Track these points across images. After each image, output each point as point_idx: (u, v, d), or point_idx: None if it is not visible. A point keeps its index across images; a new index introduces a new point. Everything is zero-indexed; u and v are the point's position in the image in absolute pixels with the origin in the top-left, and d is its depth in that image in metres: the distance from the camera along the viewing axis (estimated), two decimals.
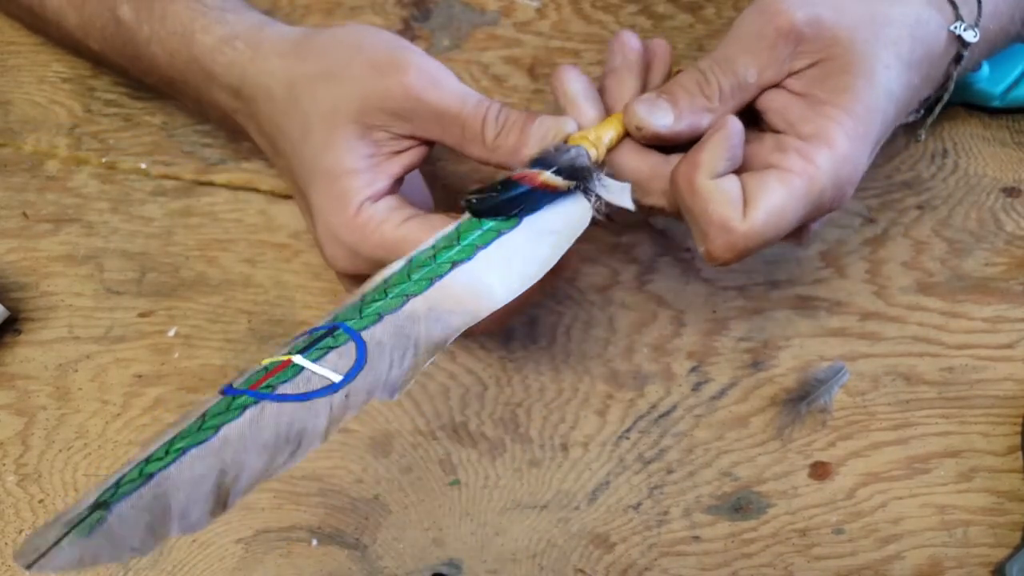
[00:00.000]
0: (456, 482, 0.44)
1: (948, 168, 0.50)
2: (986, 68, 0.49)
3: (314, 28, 0.40)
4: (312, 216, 0.39)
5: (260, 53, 0.39)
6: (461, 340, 0.46)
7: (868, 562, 0.43)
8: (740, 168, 0.37)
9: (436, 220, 0.37)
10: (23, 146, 0.50)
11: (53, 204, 0.49)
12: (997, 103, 0.50)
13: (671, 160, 0.38)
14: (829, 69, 0.37)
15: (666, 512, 0.44)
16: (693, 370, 0.46)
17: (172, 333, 0.46)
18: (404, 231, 0.37)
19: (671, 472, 0.44)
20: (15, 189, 0.49)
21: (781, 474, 0.44)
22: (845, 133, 0.36)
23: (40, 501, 0.43)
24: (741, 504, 0.44)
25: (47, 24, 0.46)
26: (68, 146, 0.50)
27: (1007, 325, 0.47)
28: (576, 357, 0.46)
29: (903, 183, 0.50)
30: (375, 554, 0.43)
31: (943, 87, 0.42)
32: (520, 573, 0.43)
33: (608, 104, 0.40)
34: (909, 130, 0.51)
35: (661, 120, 0.37)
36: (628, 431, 0.45)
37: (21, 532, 0.43)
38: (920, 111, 0.43)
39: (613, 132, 0.38)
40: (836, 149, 0.36)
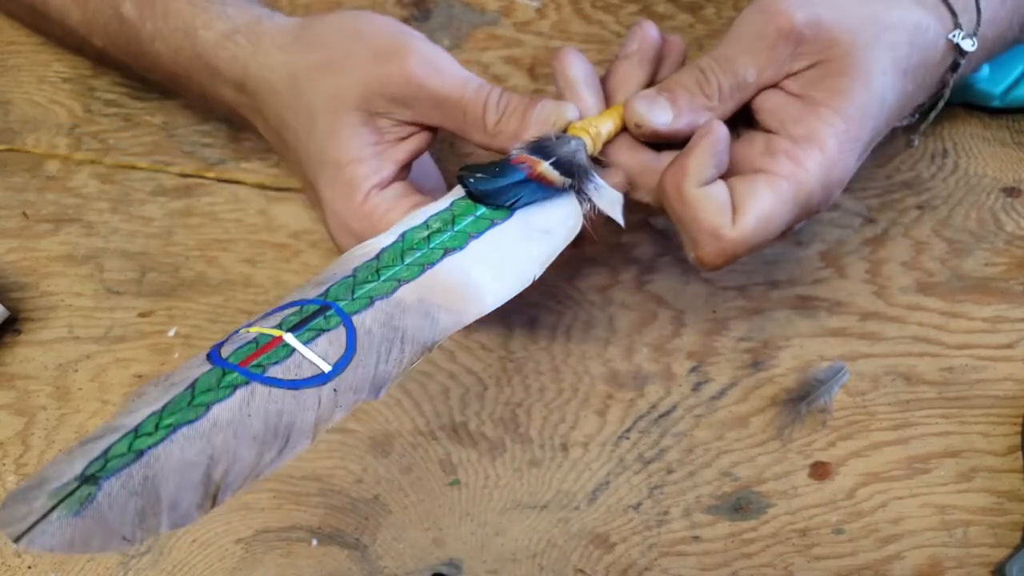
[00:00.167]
0: (456, 482, 0.44)
1: (948, 168, 0.51)
2: (986, 68, 0.49)
3: (312, 17, 0.40)
4: (322, 207, 0.39)
5: (261, 47, 0.39)
6: (462, 339, 0.46)
7: (868, 562, 0.43)
8: (729, 171, 0.38)
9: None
10: (23, 146, 0.50)
11: (53, 204, 0.49)
12: (997, 103, 0.50)
13: (662, 157, 0.38)
14: (826, 71, 0.37)
15: (666, 512, 0.44)
16: (693, 370, 0.46)
17: (172, 333, 0.46)
18: None
19: (671, 472, 0.44)
20: (15, 189, 0.49)
21: (781, 474, 0.44)
22: (836, 136, 0.36)
23: None
24: (741, 504, 0.44)
25: (50, 22, 0.46)
26: (68, 146, 0.50)
27: (1007, 325, 0.47)
28: (576, 357, 0.46)
29: (903, 183, 0.50)
30: (375, 554, 0.43)
31: (939, 94, 0.42)
32: (520, 573, 0.43)
33: (611, 89, 0.40)
34: (905, 132, 0.52)
35: (660, 118, 0.37)
36: (628, 431, 0.45)
37: None
38: (915, 115, 0.43)
39: (612, 124, 0.38)
40: (826, 152, 0.36)
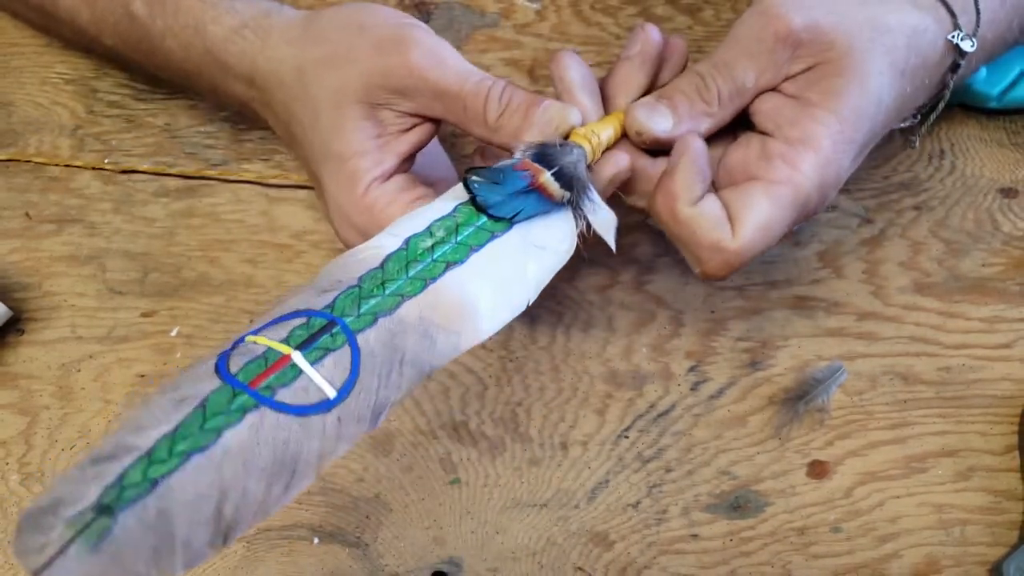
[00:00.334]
0: (456, 481, 0.44)
1: (945, 169, 0.51)
2: (983, 70, 0.49)
3: (318, 10, 0.40)
4: (325, 200, 0.39)
5: (269, 41, 0.39)
6: None
7: (866, 560, 0.43)
8: (726, 174, 0.38)
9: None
10: (26, 148, 0.50)
11: (56, 205, 0.49)
12: (994, 104, 0.50)
13: (658, 163, 0.38)
14: (823, 72, 0.37)
15: (665, 511, 0.44)
16: (692, 370, 0.46)
17: (174, 333, 0.46)
18: None
19: (670, 471, 0.45)
20: (18, 190, 0.49)
21: (779, 473, 0.45)
22: (830, 136, 0.36)
23: None
24: (739, 503, 0.44)
25: (59, 22, 0.47)
26: (71, 147, 0.50)
27: (1004, 325, 0.47)
28: (576, 357, 0.46)
29: (900, 184, 0.50)
30: (376, 552, 0.43)
31: (939, 95, 0.42)
32: (520, 571, 0.43)
33: (611, 92, 0.40)
34: (905, 133, 0.52)
35: (660, 125, 0.37)
36: (627, 430, 0.45)
37: None
38: (916, 116, 0.43)
39: (612, 131, 0.38)
40: (820, 153, 0.36)
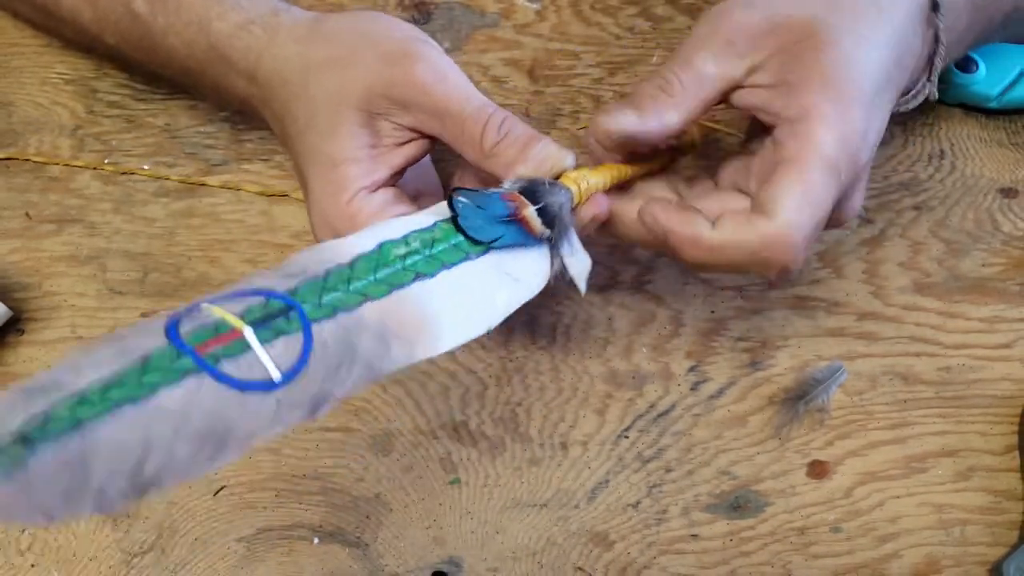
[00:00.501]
0: (456, 481, 0.44)
1: (945, 169, 0.51)
2: (983, 69, 0.49)
3: (330, 13, 0.40)
4: (308, 200, 0.39)
5: (277, 38, 0.40)
6: None
7: (866, 561, 0.43)
8: (759, 179, 0.38)
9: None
10: (26, 148, 0.50)
11: (56, 205, 0.49)
12: (994, 104, 0.50)
13: (636, 203, 0.38)
14: (793, 53, 0.37)
15: (665, 511, 0.44)
16: (692, 370, 0.46)
17: None
18: None
19: (670, 471, 0.45)
20: (18, 190, 0.49)
21: (779, 473, 0.45)
22: (827, 100, 0.36)
23: None
24: (739, 503, 0.44)
25: (62, 22, 0.47)
26: (71, 147, 0.50)
27: (1004, 325, 0.47)
28: (576, 357, 0.46)
29: (900, 184, 0.50)
30: (376, 552, 0.43)
31: (932, 65, 0.41)
32: (520, 571, 0.43)
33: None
34: (906, 131, 0.52)
35: (626, 121, 0.37)
36: (627, 430, 0.45)
37: (24, 531, 0.43)
38: (916, 94, 0.42)
39: (602, 181, 0.38)
40: (824, 117, 0.36)
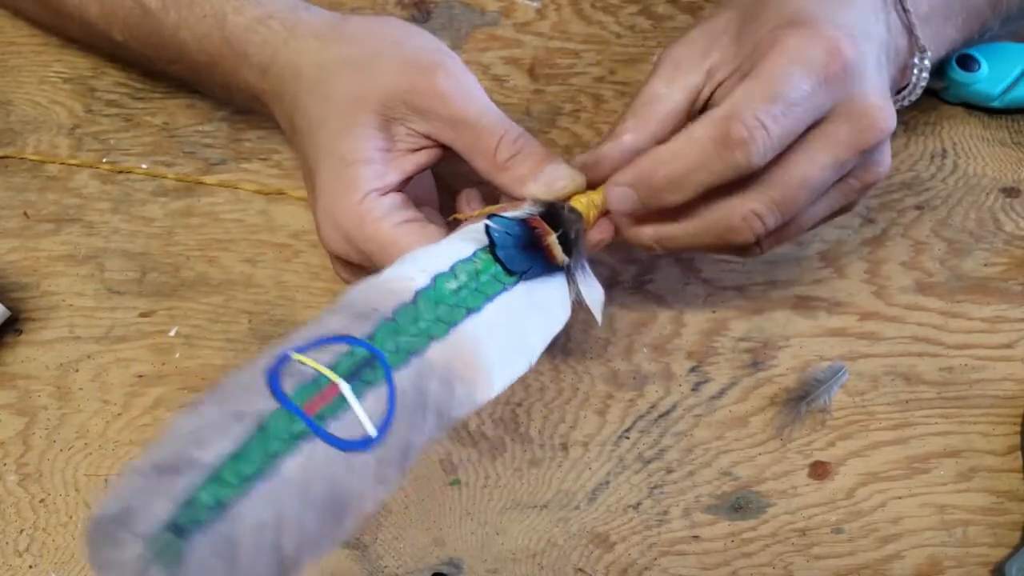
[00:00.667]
0: (456, 482, 0.44)
1: (947, 168, 0.51)
2: (985, 68, 0.49)
3: (354, 14, 0.41)
4: (315, 196, 0.39)
5: (296, 33, 0.40)
6: None
7: (867, 561, 0.43)
8: None
9: (432, 231, 0.37)
10: (24, 147, 0.50)
11: (54, 204, 0.49)
12: (996, 103, 0.50)
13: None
14: (746, 28, 0.37)
15: (666, 512, 0.44)
16: (693, 370, 0.46)
17: (173, 333, 0.46)
18: (398, 234, 0.37)
19: (671, 472, 0.44)
20: (16, 189, 0.49)
21: (781, 474, 0.45)
22: (790, 24, 0.35)
23: (41, 501, 0.43)
24: (741, 504, 0.44)
25: (68, 18, 0.47)
26: (69, 146, 0.50)
27: (1006, 325, 0.47)
28: (576, 357, 0.46)
29: (902, 183, 0.50)
30: (376, 553, 0.43)
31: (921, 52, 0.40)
32: (520, 572, 0.43)
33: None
34: (908, 130, 0.52)
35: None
36: (628, 431, 0.45)
37: (22, 532, 0.43)
38: (907, 92, 0.42)
39: (603, 203, 0.39)
40: (788, 35, 0.35)
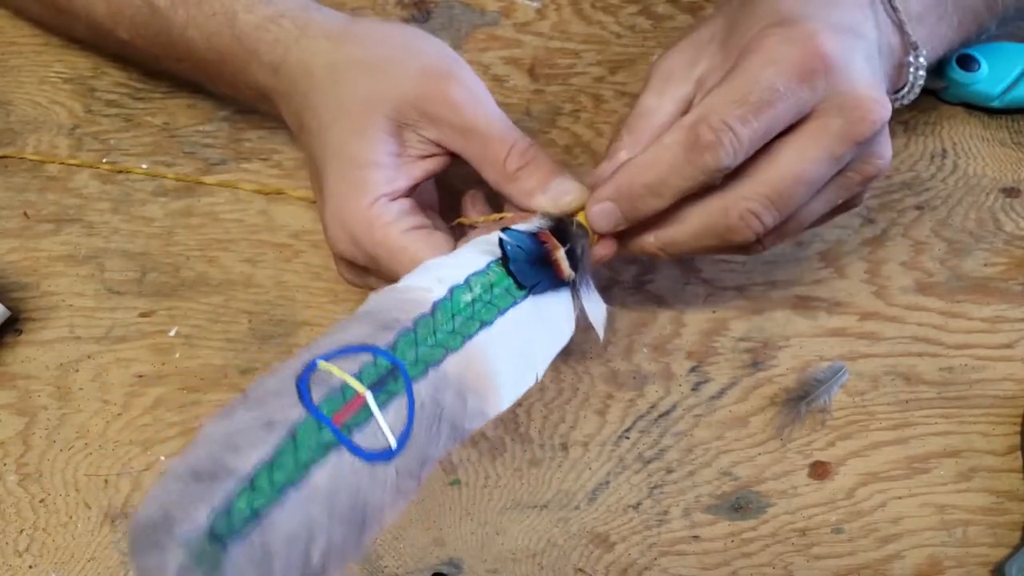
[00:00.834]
0: (456, 482, 0.44)
1: (947, 168, 0.51)
2: (985, 68, 0.49)
3: (367, 18, 0.41)
4: (322, 196, 0.39)
5: (308, 32, 0.40)
6: None
7: (867, 561, 0.43)
8: None
9: (439, 238, 0.38)
10: (24, 147, 0.50)
11: (54, 204, 0.49)
12: (996, 103, 0.50)
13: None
14: (732, 32, 0.37)
15: (666, 512, 0.44)
16: (693, 370, 0.46)
17: (173, 333, 0.46)
18: (407, 240, 0.37)
19: (671, 472, 0.44)
20: (16, 189, 0.49)
21: (781, 474, 0.44)
22: (769, 25, 0.35)
23: (41, 501, 0.43)
24: (741, 504, 0.44)
25: (74, 17, 0.47)
26: (69, 146, 0.50)
27: (1006, 325, 0.47)
28: (576, 357, 0.46)
29: (902, 183, 0.50)
30: (376, 553, 0.43)
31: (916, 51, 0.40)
32: (520, 572, 0.43)
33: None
34: (908, 130, 0.52)
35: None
36: (628, 431, 0.45)
37: (22, 531, 0.43)
38: (905, 91, 0.41)
39: None
40: (767, 37, 0.35)
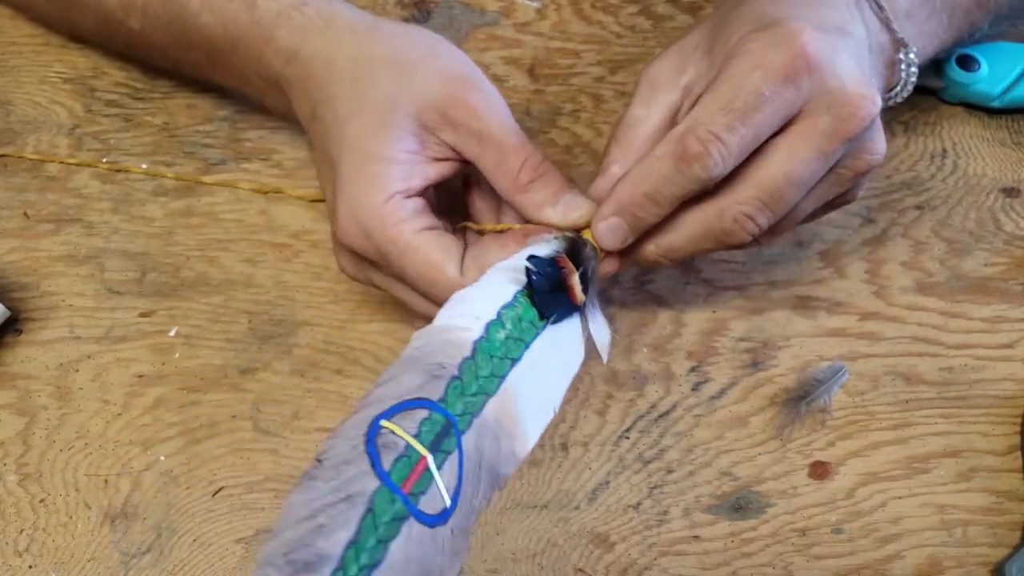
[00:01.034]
0: None
1: (947, 168, 0.51)
2: (985, 68, 0.49)
3: (391, 20, 0.42)
4: (334, 187, 0.39)
5: (333, 23, 0.41)
6: None
7: (867, 562, 0.43)
8: None
9: (449, 241, 0.38)
10: (24, 147, 0.50)
11: (54, 204, 0.49)
12: (996, 103, 0.50)
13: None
14: (716, 36, 0.38)
15: (666, 512, 0.44)
16: (693, 370, 0.46)
17: (173, 333, 0.46)
18: (420, 240, 0.38)
19: (671, 472, 0.44)
20: (16, 189, 0.49)
21: (781, 474, 0.44)
22: (753, 31, 0.36)
23: (41, 501, 0.43)
24: (741, 504, 0.44)
25: (83, 9, 0.47)
26: (69, 146, 0.50)
27: (1006, 325, 0.47)
28: None
29: (902, 183, 0.50)
30: None
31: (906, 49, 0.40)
32: (520, 572, 0.43)
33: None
34: (908, 130, 0.52)
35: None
36: (628, 431, 0.45)
37: (22, 532, 0.43)
38: (898, 89, 0.41)
39: None
40: (751, 41, 0.36)
